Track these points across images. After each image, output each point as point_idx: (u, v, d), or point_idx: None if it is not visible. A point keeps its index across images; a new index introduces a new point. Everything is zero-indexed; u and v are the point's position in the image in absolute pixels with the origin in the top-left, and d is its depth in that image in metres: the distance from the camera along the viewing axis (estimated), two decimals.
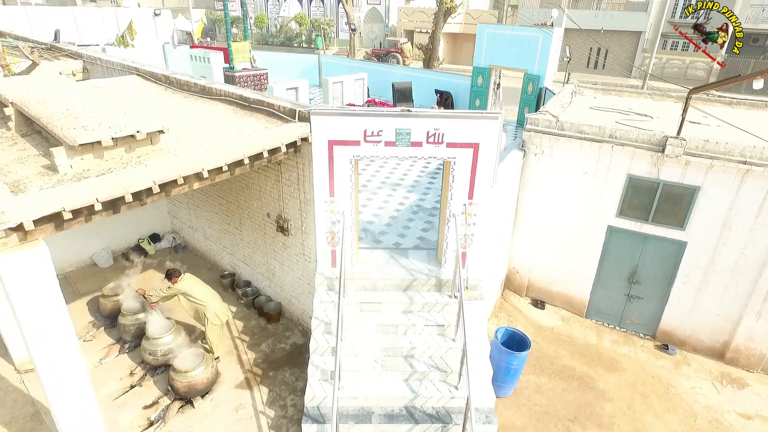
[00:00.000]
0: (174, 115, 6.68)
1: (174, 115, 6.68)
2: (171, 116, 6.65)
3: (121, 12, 22.31)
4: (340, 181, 6.40)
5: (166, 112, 6.83)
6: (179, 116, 6.66)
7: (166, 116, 6.62)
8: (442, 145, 6.22)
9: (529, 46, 14.45)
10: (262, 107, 6.71)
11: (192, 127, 6.20)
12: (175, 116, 6.65)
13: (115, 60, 9.90)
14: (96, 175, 4.67)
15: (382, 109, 6.14)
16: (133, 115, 5.44)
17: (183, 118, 6.60)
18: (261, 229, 7.95)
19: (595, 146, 7.87)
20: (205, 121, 6.46)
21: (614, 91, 11.26)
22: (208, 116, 6.72)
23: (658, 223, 7.93)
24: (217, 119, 6.60)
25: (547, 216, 8.82)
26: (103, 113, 5.37)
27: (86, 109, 5.48)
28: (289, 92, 13.28)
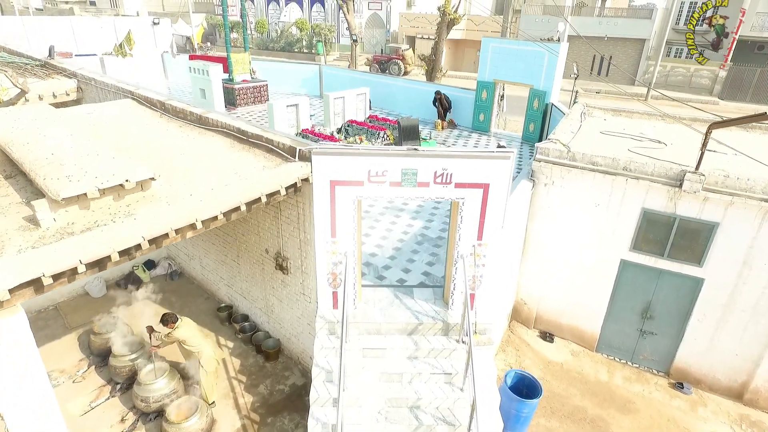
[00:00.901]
0: (167, 151, 6.35)
1: (167, 151, 6.35)
2: (164, 152, 6.32)
3: (119, 21, 22.00)
4: (342, 221, 6.07)
5: (159, 147, 6.50)
6: (173, 152, 6.33)
7: (160, 152, 6.30)
8: (450, 185, 5.89)
9: (535, 61, 14.13)
10: (260, 142, 6.39)
11: (186, 166, 5.87)
12: (169, 152, 6.32)
13: (109, 82, 9.58)
14: (81, 230, 4.34)
15: (386, 149, 5.81)
16: (122, 158, 5.12)
17: (177, 154, 6.27)
18: (259, 263, 7.62)
19: (609, 179, 7.54)
20: (201, 158, 6.14)
21: (624, 112, 10.92)
22: (203, 152, 6.40)
23: (673, 259, 7.59)
24: (213, 155, 6.27)
25: (558, 247, 8.49)
26: (90, 157, 5.05)
27: (73, 152, 5.15)
28: (290, 109, 12.95)
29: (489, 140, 15.16)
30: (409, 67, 35.33)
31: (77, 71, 10.67)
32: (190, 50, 45.67)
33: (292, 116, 13.13)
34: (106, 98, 9.77)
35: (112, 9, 54.46)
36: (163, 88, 21.85)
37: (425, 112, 17.49)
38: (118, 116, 7.89)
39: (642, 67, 32.08)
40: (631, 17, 31.86)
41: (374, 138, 13.00)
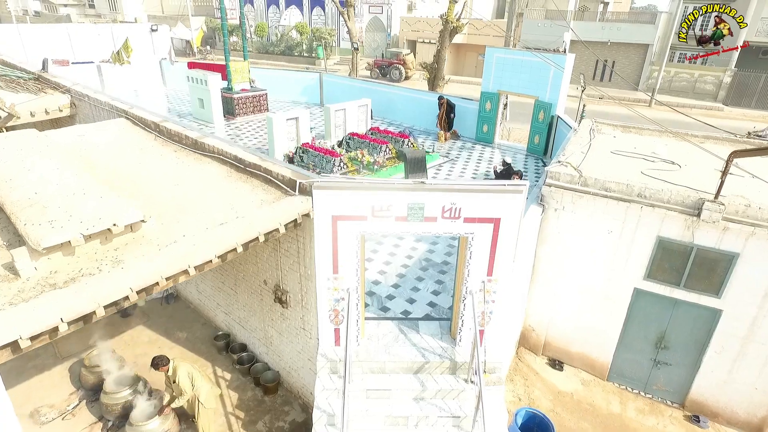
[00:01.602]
0: (161, 182, 6.03)
1: (161, 182, 6.03)
2: (158, 182, 6.01)
3: (116, 28, 21.69)
4: (345, 257, 5.76)
5: (152, 177, 6.18)
6: (167, 182, 6.01)
7: (153, 183, 5.98)
8: (459, 220, 5.57)
9: (541, 72, 13.82)
10: (258, 172, 6.07)
11: (180, 199, 5.55)
12: (162, 183, 6.01)
13: (103, 99, 9.26)
14: (64, 281, 4.03)
15: (392, 182, 5.50)
16: (111, 196, 4.80)
17: (171, 185, 5.96)
18: (257, 294, 7.30)
19: (622, 205, 7.22)
20: (195, 190, 5.82)
21: (634, 128, 10.60)
22: (198, 182, 6.08)
23: (690, 289, 7.27)
24: (209, 186, 5.95)
25: (567, 273, 8.17)
26: (77, 196, 4.73)
27: (58, 190, 4.83)
28: (290, 122, 12.63)
29: (493, 152, 14.85)
30: (410, 72, 35.04)
31: (71, 87, 10.35)
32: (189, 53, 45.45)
33: (292, 129, 12.82)
34: (100, 115, 9.46)
35: (111, 12, 54.17)
36: (161, 95, 21.56)
37: (427, 122, 17.18)
38: (110, 140, 7.57)
39: (645, 72, 31.76)
40: (634, 22, 31.53)
41: (376, 152, 12.69)
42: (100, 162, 6.54)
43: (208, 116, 17.04)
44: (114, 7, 53.70)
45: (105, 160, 6.64)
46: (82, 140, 7.49)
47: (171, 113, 18.35)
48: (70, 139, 7.58)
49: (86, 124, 8.29)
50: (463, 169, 13.25)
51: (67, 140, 7.45)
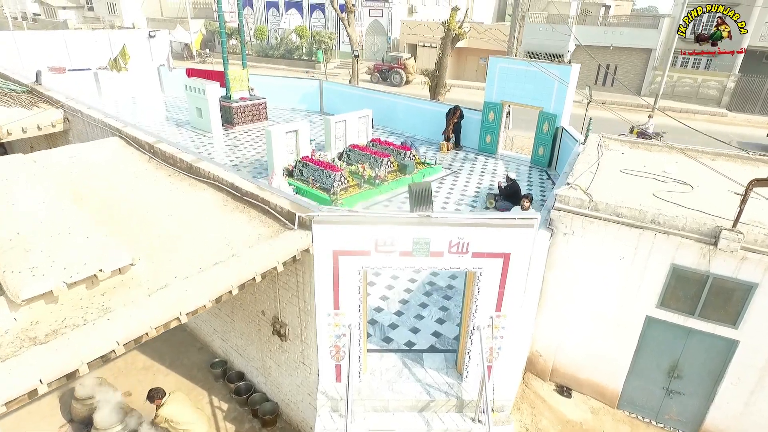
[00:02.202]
0: (153, 212, 5.75)
1: (153, 212, 5.75)
2: (150, 213, 5.73)
3: (114, 34, 21.42)
4: (347, 293, 5.48)
5: (144, 207, 5.89)
6: (159, 213, 5.73)
7: (144, 213, 5.70)
8: (466, 255, 5.29)
9: (545, 82, 13.55)
10: (256, 201, 5.79)
11: (172, 232, 5.27)
12: (155, 213, 5.73)
13: (96, 116, 8.98)
14: (45, 333, 3.75)
15: (396, 216, 5.22)
16: (99, 235, 4.52)
17: (164, 215, 5.68)
18: (255, 324, 7.02)
19: (635, 232, 6.94)
20: (189, 221, 5.54)
21: (642, 144, 10.32)
22: (193, 211, 5.80)
23: (705, 319, 6.99)
24: (203, 216, 5.67)
25: (577, 299, 7.88)
26: (62, 236, 4.45)
27: (43, 229, 4.55)
28: (289, 135, 12.35)
29: (496, 163, 14.58)
30: (410, 76, 34.77)
31: (64, 102, 10.07)
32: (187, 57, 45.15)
33: (292, 142, 12.53)
34: (94, 132, 9.18)
35: (110, 14, 53.88)
36: (159, 103, 21.28)
37: (429, 131, 16.91)
38: (103, 162, 7.30)
39: (648, 77, 31.50)
40: (636, 26, 31.27)
41: (377, 166, 12.41)
42: (91, 189, 6.26)
43: (206, 126, 16.77)
44: (113, 10, 53.41)
45: (96, 186, 6.36)
46: (74, 162, 7.20)
47: (169, 122, 18.09)
48: (62, 160, 7.31)
49: (79, 144, 8.00)
50: (466, 182, 12.98)
51: (58, 162, 7.18)
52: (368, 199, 11.51)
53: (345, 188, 11.44)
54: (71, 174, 6.72)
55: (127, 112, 19.49)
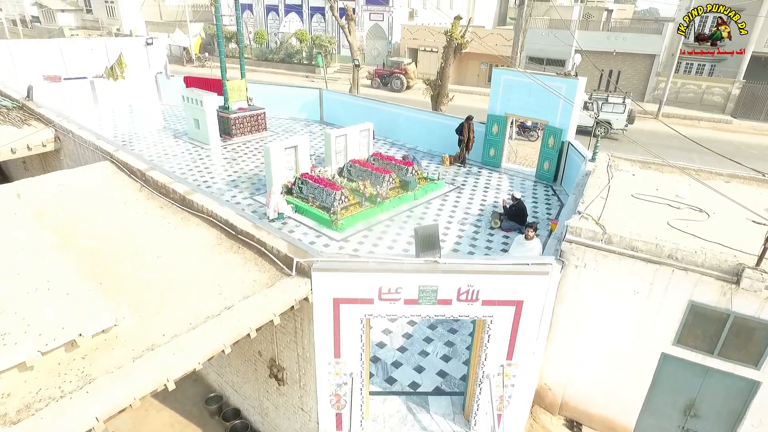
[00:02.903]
0: (142, 253, 5.41)
1: (142, 253, 5.41)
2: (138, 254, 5.39)
3: (110, 42, 21.08)
4: (348, 341, 5.14)
5: (133, 245, 5.56)
6: (149, 255, 5.39)
7: (133, 255, 5.36)
8: (476, 302, 4.96)
9: (551, 95, 13.18)
10: (252, 242, 5.45)
11: (162, 277, 4.94)
12: (144, 254, 5.39)
13: (87, 138, 8.64)
14: (17, 411, 3.41)
15: (401, 261, 4.88)
16: (80, 292, 4.18)
17: (154, 257, 5.34)
18: (251, 363, 6.68)
19: (651, 267, 6.60)
20: (180, 264, 5.20)
21: (653, 164, 9.98)
22: (184, 251, 5.46)
23: (725, 358, 6.65)
24: (195, 258, 5.33)
25: (589, 332, 7.54)
26: (40, 292, 4.11)
27: (19, 285, 4.21)
28: (288, 151, 12.01)
29: (500, 178, 14.24)
30: (411, 82, 34.44)
31: (55, 120, 9.74)
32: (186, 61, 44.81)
33: (291, 158, 12.19)
34: (85, 154, 8.85)
35: (109, 17, 53.52)
36: (156, 112, 20.94)
37: (431, 143, 16.59)
38: (93, 189, 6.96)
39: (652, 83, 31.15)
40: (640, 32, 30.93)
41: (379, 182, 12.08)
42: (78, 224, 5.92)
43: (203, 137, 16.44)
44: (112, 14, 53.06)
45: (83, 221, 6.02)
46: (62, 191, 6.87)
47: (166, 132, 17.75)
48: (50, 188, 6.98)
49: (67, 171, 7.66)
50: (470, 198, 12.65)
51: (46, 190, 6.85)
52: (369, 218, 11.17)
53: (345, 207, 11.10)
54: (58, 206, 6.38)
55: (123, 122, 19.18)
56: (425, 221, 11.19)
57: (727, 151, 22.78)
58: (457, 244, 10.15)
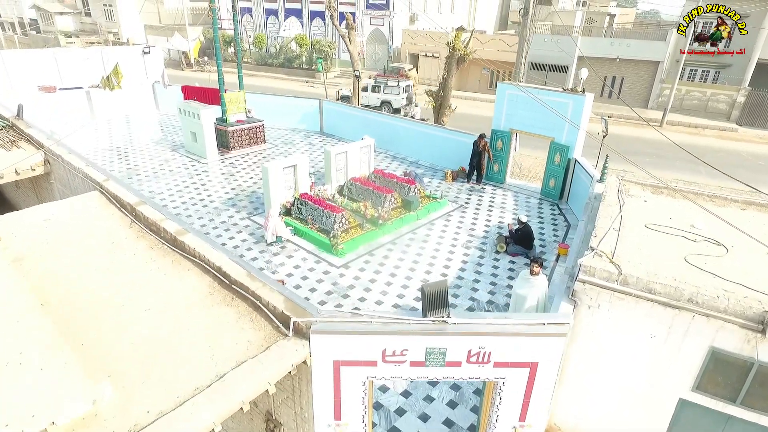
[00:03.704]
0: (129, 307, 5.05)
1: (129, 307, 5.05)
2: (125, 308, 5.03)
3: (106, 51, 20.72)
4: (350, 403, 4.79)
5: (119, 296, 5.20)
6: (136, 308, 5.03)
7: (119, 308, 5.00)
8: (487, 364, 4.60)
9: (557, 110, 12.84)
10: (246, 294, 5.09)
11: (149, 340, 4.57)
12: (131, 308, 5.03)
13: (77, 164, 8.28)
14: None
15: (407, 320, 4.52)
16: (55, 368, 3.82)
17: (141, 309, 4.98)
18: (246, 414, 6.30)
19: (670, 311, 6.24)
20: (169, 322, 4.84)
21: (665, 189, 9.62)
22: (174, 303, 5.10)
23: (748, 407, 6.29)
24: (186, 314, 4.97)
25: (602, 372, 7.17)
26: (11, 366, 3.75)
27: None
28: (287, 171, 11.65)
29: (505, 195, 13.88)
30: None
31: (45, 143, 9.38)
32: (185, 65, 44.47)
33: (290, 178, 11.84)
34: (74, 180, 8.49)
35: (107, 20, 53.17)
36: (154, 122, 20.60)
37: (432, 156, 16.25)
38: (79, 225, 6.60)
39: (656, 90, 30.80)
40: (644, 38, 30.57)
41: (380, 202, 11.72)
42: (62, 270, 5.56)
43: (200, 151, 16.09)
44: (110, 17, 52.70)
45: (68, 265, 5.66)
46: (46, 228, 6.51)
47: (163, 144, 17.40)
48: (35, 222, 6.62)
49: (55, 203, 7.30)
50: (474, 218, 12.29)
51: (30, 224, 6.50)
52: (371, 241, 10.82)
53: (346, 230, 10.74)
54: (41, 247, 6.02)
55: (120, 133, 18.83)
56: (428, 244, 10.85)
57: (732, 162, 22.43)
58: (461, 270, 9.80)
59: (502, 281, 9.51)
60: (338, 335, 4.40)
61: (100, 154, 16.15)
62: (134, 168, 14.86)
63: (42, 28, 58.12)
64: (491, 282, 9.45)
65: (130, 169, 14.74)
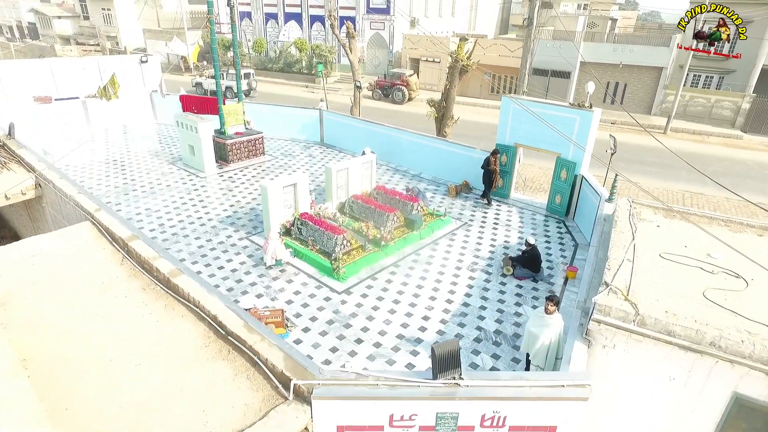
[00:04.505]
0: (116, 363, 4.72)
1: (116, 363, 4.72)
2: (113, 362, 4.70)
3: (103, 61, 20.40)
4: None
5: (106, 350, 4.87)
6: (124, 363, 4.70)
7: (108, 363, 4.68)
8: (502, 428, 4.28)
9: (564, 127, 12.52)
10: (243, 348, 4.76)
11: (138, 402, 4.25)
12: (119, 363, 4.70)
13: (68, 192, 7.96)
14: None
15: (416, 383, 4.20)
16: None
17: (130, 368, 4.65)
18: None
19: (691, 355, 5.93)
20: (159, 380, 4.51)
21: (678, 213, 9.30)
22: (166, 360, 4.77)
23: None
24: (178, 369, 4.65)
25: (617, 416, 6.86)
26: None
27: None
28: (287, 189, 11.33)
29: (510, 211, 13.56)
30: (413, 94, 33.79)
31: (36, 166, 9.06)
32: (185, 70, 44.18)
33: (290, 197, 11.51)
34: (66, 206, 8.18)
35: (106, 24, 52.87)
36: (151, 132, 20.28)
37: (435, 169, 15.94)
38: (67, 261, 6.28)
39: (659, 96, 30.49)
40: (647, 44, 30.26)
41: (382, 222, 11.41)
42: (48, 319, 5.24)
43: (198, 164, 15.77)
44: (108, 21, 52.41)
45: (54, 312, 5.34)
46: (34, 265, 6.20)
47: (159, 157, 17.08)
48: (22, 261, 6.30)
49: (43, 236, 6.97)
50: (479, 236, 11.97)
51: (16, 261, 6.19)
52: (373, 263, 10.50)
53: (348, 252, 10.42)
54: (28, 287, 5.71)
55: (116, 144, 18.52)
56: (433, 266, 10.53)
57: (739, 172, 22.11)
58: (467, 296, 9.48)
59: (510, 308, 9.19)
60: (342, 401, 4.08)
61: (96, 167, 15.84)
62: (130, 183, 14.54)
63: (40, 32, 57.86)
64: (498, 309, 9.13)
65: (127, 184, 14.42)
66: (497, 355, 7.97)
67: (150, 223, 11.93)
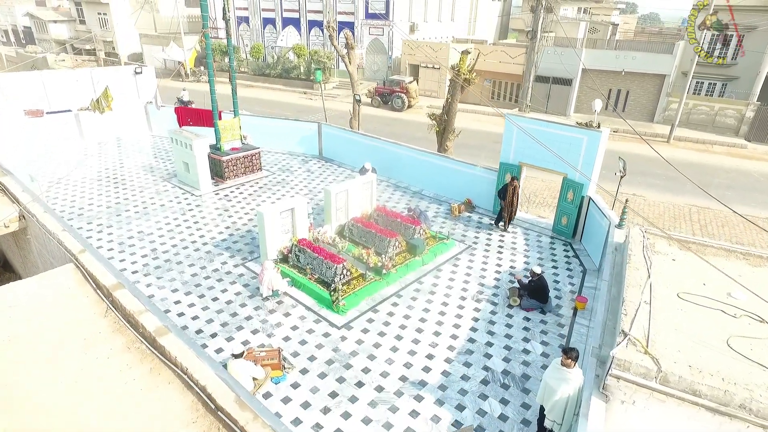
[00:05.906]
0: None
1: None
2: None
3: (96, 73, 19.94)
4: None
5: (87, 427, 4.44)
6: None
7: None
8: None
9: (570, 147, 12.13)
10: (236, 428, 4.33)
11: None
12: None
13: (52, 229, 7.52)
14: None
15: None
16: None
17: None
18: None
19: (718, 417, 5.52)
20: None
21: (693, 244, 8.90)
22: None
23: None
24: None
25: None
26: None
27: None
28: (284, 214, 10.90)
29: (515, 232, 13.14)
30: (413, 101, 33.37)
31: (20, 198, 8.62)
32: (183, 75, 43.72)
33: (288, 221, 11.09)
34: (50, 243, 7.74)
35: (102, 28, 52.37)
36: (146, 145, 19.84)
37: (437, 186, 15.53)
38: (48, 313, 5.85)
39: (662, 103, 30.13)
40: (650, 51, 29.90)
41: (384, 248, 11.00)
42: (25, 383, 4.81)
43: (193, 181, 15.33)
44: (104, 25, 51.91)
45: (32, 378, 4.91)
46: (11, 319, 5.76)
47: (154, 174, 16.63)
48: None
49: (23, 282, 6.54)
50: (483, 261, 11.55)
51: None
52: (374, 293, 10.07)
53: (348, 281, 9.99)
54: (3, 347, 5.27)
55: (109, 158, 18.07)
56: (436, 296, 10.11)
57: (745, 184, 21.74)
58: (473, 330, 9.06)
59: (518, 344, 8.77)
60: None
61: (88, 185, 15.39)
62: (123, 202, 14.10)
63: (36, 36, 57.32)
64: (505, 346, 8.71)
65: (119, 204, 13.98)
66: (506, 400, 7.55)
67: (142, 248, 11.49)
